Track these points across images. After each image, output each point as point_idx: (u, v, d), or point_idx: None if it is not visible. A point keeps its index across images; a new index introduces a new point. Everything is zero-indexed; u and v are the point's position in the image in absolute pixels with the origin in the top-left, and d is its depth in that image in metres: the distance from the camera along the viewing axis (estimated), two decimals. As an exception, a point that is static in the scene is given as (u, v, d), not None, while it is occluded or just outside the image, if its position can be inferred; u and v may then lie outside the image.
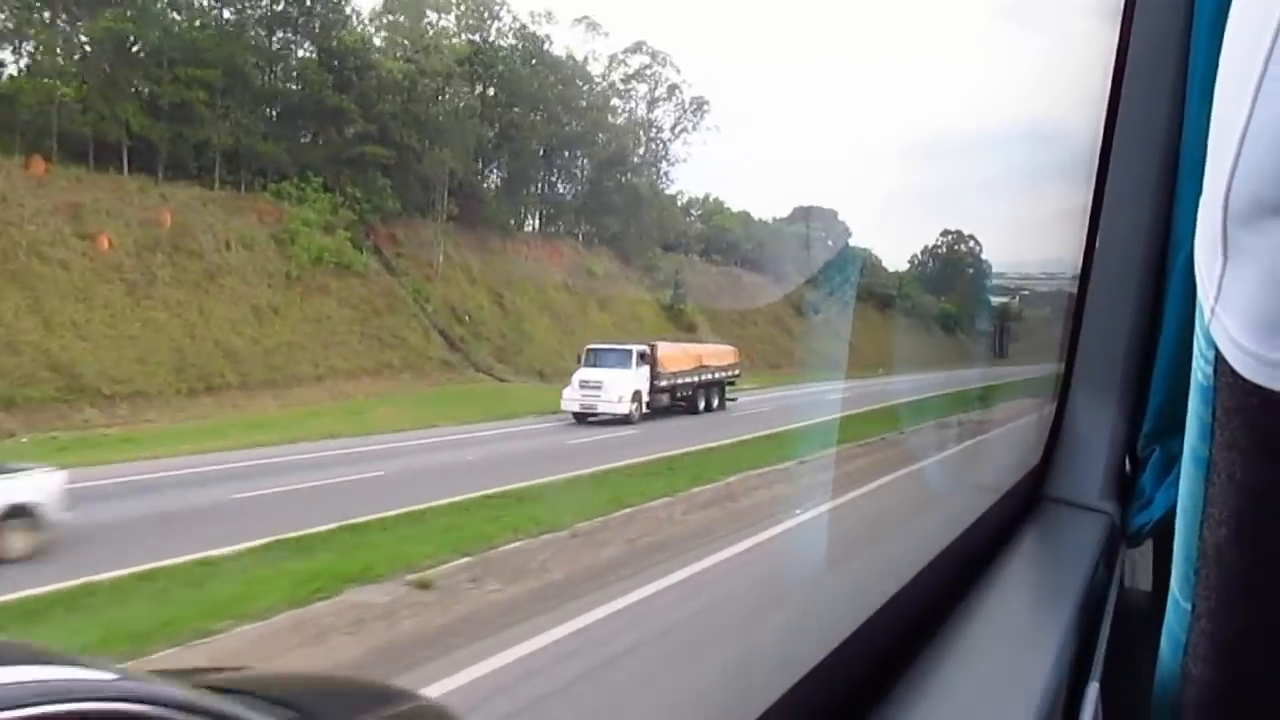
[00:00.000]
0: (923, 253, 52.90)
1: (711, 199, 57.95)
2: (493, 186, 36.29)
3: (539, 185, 39.61)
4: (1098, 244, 2.13)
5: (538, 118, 37.00)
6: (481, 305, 32.63)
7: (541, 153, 38.73)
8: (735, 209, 58.01)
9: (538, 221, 43.30)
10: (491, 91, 36.20)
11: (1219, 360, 0.63)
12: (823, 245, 59.90)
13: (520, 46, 36.54)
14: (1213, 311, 0.62)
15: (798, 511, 11.06)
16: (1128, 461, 2.09)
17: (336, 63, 27.56)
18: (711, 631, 6.82)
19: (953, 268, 51.34)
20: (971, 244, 49.22)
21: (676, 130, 47.00)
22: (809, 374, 47.00)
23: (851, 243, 58.29)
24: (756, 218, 59.32)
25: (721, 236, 56.55)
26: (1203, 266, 0.63)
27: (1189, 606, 0.78)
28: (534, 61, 36.97)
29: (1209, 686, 0.79)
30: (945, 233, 50.29)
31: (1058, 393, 2.22)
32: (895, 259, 53.42)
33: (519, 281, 35.75)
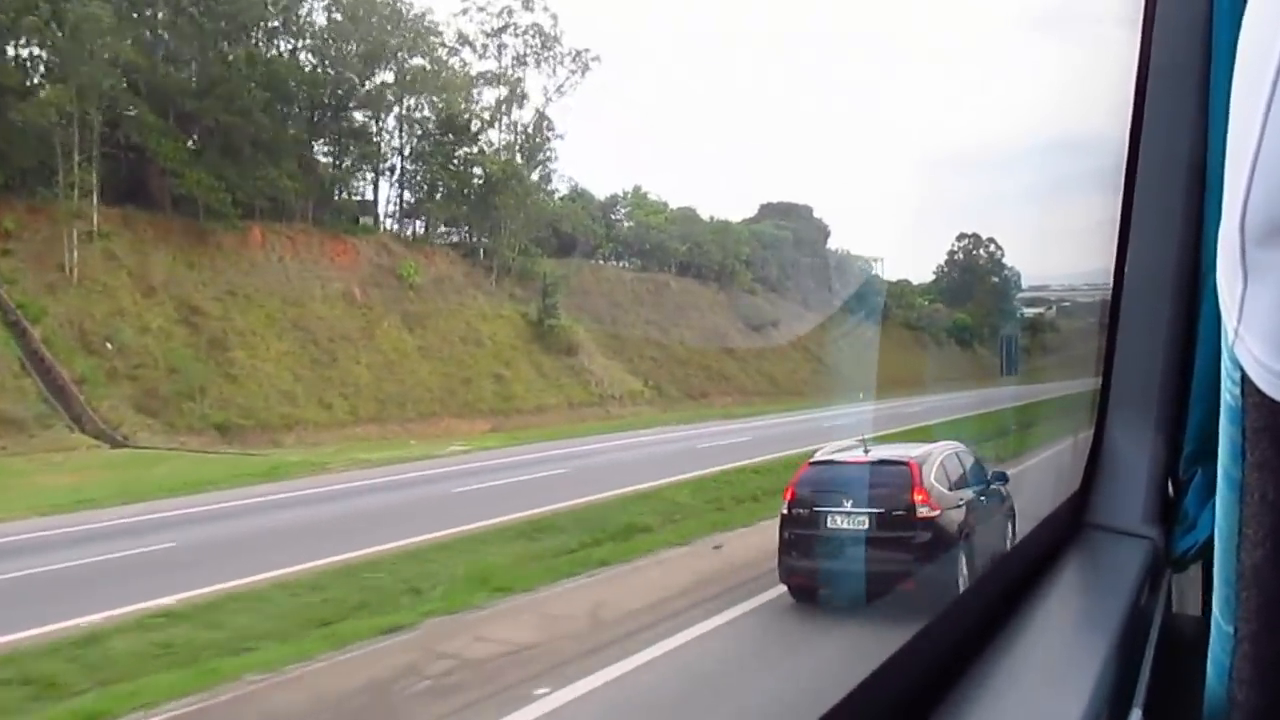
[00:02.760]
0: (946, 264, 46.30)
1: (641, 192, 46.93)
2: (216, 154, 25.03)
3: (319, 157, 28.36)
4: (1128, 265, 2.13)
5: (285, 56, 25.84)
6: (149, 326, 21.39)
7: (315, 114, 27.56)
8: (676, 205, 47.19)
9: (381, 216, 32.27)
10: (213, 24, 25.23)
11: (1245, 381, 0.64)
12: (789, 245, 49.88)
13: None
14: (1236, 332, 0.62)
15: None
16: (1170, 485, 2.08)
17: None
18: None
19: (970, 275, 45.79)
20: (992, 249, 42.55)
21: (551, 93, 35.73)
22: (753, 404, 38.09)
23: (831, 245, 49.94)
24: (706, 216, 48.23)
25: (646, 236, 45.15)
26: (1225, 288, 0.63)
27: (1231, 630, 0.77)
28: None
29: (1254, 712, 0.78)
30: (962, 236, 43.90)
31: (1095, 416, 2.22)
32: (888, 261, 44.60)
33: (255, 291, 24.54)
